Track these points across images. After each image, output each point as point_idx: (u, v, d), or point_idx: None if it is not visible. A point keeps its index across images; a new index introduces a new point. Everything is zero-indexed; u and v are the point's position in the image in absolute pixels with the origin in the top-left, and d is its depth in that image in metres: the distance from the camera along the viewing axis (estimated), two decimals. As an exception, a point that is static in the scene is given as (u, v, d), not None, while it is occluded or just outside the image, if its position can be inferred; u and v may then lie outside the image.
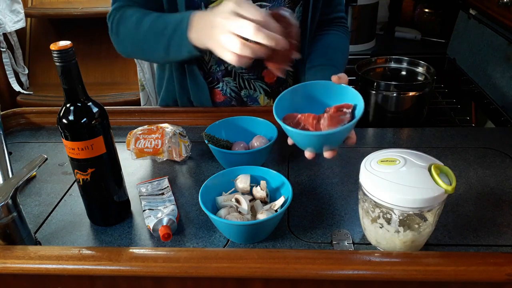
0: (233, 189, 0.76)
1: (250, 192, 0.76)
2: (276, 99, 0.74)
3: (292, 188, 0.72)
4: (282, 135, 0.80)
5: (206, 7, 0.93)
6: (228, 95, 1.06)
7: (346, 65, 1.03)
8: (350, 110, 0.72)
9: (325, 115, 0.71)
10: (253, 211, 0.73)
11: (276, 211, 0.71)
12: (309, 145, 0.72)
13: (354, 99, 0.73)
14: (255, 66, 1.02)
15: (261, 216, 0.69)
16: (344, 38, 1.06)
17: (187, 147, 0.92)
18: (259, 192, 0.75)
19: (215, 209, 0.74)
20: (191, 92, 1.06)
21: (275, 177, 0.76)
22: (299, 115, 0.73)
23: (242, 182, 0.75)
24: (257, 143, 0.88)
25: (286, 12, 0.75)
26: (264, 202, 0.74)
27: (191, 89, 1.05)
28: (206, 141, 0.86)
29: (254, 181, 0.77)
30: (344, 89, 0.75)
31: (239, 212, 0.71)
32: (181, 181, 0.86)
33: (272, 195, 0.77)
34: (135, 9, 0.93)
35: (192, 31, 0.80)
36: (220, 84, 1.05)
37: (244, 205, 0.71)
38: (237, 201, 0.72)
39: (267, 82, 1.05)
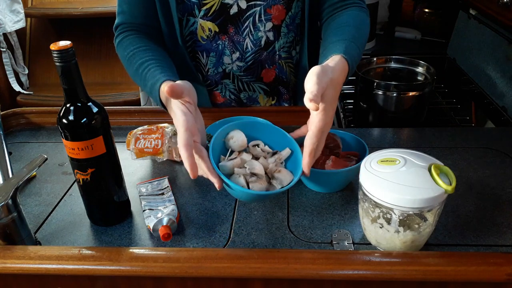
0: (230, 150, 0.72)
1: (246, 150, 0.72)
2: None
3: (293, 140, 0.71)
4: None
5: (199, 10, 0.93)
6: (228, 97, 1.06)
7: (365, 36, 0.90)
8: (356, 158, 0.82)
9: (332, 157, 0.79)
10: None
11: (282, 163, 0.71)
12: (310, 180, 0.80)
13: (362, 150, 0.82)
14: (254, 68, 1.02)
15: (280, 175, 0.67)
16: (357, 13, 0.93)
17: None
18: (260, 152, 0.71)
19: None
20: None
21: (270, 131, 0.74)
22: None
23: (238, 140, 0.70)
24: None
25: None
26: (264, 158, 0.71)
27: None
28: (206, 141, 0.86)
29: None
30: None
31: (252, 174, 0.67)
32: (181, 181, 0.86)
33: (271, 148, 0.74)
34: (130, 40, 0.92)
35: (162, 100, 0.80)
36: (219, 87, 1.05)
37: (261, 170, 0.68)
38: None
39: (266, 82, 1.05)
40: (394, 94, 1.10)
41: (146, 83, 0.84)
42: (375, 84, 1.11)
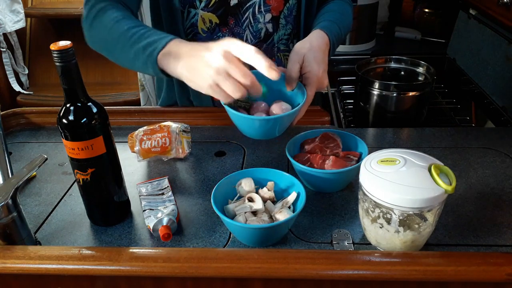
0: (238, 195, 0.75)
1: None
2: None
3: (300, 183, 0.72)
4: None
5: (200, 1, 0.93)
6: None
7: (347, 21, 0.98)
8: (356, 158, 0.82)
9: (332, 157, 0.79)
10: (266, 212, 0.72)
11: (289, 207, 0.71)
12: (310, 180, 0.81)
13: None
14: None
15: (280, 215, 0.68)
16: (341, 3, 1.01)
17: (189, 142, 0.93)
18: (266, 193, 0.74)
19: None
20: (191, 91, 1.06)
21: (279, 176, 0.76)
22: (308, 155, 0.81)
23: (247, 186, 0.74)
24: (276, 110, 0.79)
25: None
26: (273, 202, 0.74)
27: (191, 88, 1.05)
28: (223, 104, 0.76)
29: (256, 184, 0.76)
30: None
31: (253, 214, 0.71)
32: (181, 181, 0.86)
33: (277, 195, 0.76)
34: (117, 9, 0.87)
35: (163, 57, 0.76)
36: None
37: (259, 202, 0.70)
38: (250, 199, 0.71)
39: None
40: (394, 94, 1.10)
41: (140, 39, 0.79)
42: (375, 84, 1.11)
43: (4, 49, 2.23)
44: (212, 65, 0.67)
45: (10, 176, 0.74)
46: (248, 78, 0.67)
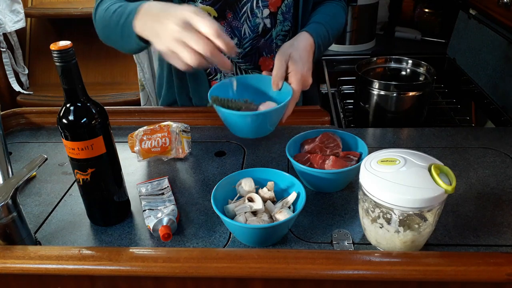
0: (238, 195, 0.75)
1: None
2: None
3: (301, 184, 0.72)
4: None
5: None
6: None
7: (337, 23, 1.01)
8: (356, 158, 0.82)
9: (332, 157, 0.79)
10: (266, 212, 0.72)
11: (289, 207, 0.71)
12: (310, 180, 0.81)
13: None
14: (252, 55, 1.02)
15: (280, 215, 0.68)
16: (334, 5, 1.05)
17: (189, 142, 0.93)
18: (266, 193, 0.74)
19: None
20: (190, 87, 1.06)
21: (279, 176, 0.76)
22: (308, 155, 0.82)
23: (247, 186, 0.74)
24: (264, 107, 0.83)
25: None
26: (273, 202, 0.74)
27: (190, 82, 1.05)
28: (214, 105, 0.78)
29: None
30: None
31: (254, 213, 0.71)
32: (181, 181, 0.86)
33: (277, 195, 0.76)
34: (114, 1, 0.90)
35: (136, 21, 0.77)
36: (218, 75, 1.05)
37: (259, 202, 0.70)
38: (250, 199, 0.72)
39: (264, 70, 1.05)
40: (394, 94, 1.10)
41: (121, 16, 0.81)
42: (375, 84, 1.11)
43: (4, 49, 2.23)
44: (169, 34, 0.68)
45: (10, 176, 0.74)
46: (207, 47, 0.67)
